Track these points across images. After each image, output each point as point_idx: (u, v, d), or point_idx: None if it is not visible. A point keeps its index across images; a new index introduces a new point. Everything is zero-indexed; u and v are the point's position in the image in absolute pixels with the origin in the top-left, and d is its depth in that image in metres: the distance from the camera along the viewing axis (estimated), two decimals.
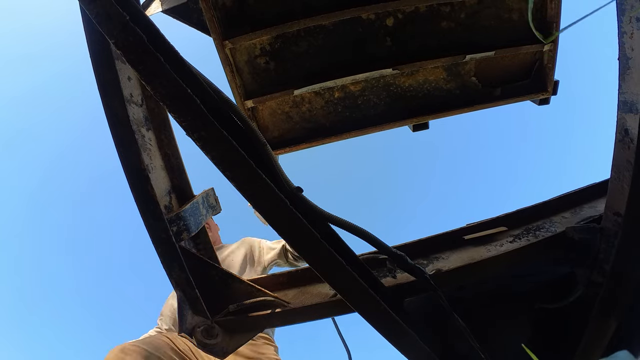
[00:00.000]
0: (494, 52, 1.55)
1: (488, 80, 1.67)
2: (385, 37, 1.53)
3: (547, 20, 1.54)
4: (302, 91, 1.55)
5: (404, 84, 1.64)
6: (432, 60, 1.53)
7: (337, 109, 1.67)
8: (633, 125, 0.87)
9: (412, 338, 0.93)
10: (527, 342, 1.03)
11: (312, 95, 1.63)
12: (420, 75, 1.63)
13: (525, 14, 1.55)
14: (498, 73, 1.66)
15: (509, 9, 1.54)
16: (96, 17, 0.80)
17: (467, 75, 1.65)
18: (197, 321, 1.08)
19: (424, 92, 1.66)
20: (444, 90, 1.67)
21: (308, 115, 1.67)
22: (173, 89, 0.80)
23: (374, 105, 1.67)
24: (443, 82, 1.65)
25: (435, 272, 1.05)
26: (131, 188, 1.01)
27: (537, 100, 1.70)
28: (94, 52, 0.95)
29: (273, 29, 1.41)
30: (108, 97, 0.97)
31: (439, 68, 1.62)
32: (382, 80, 1.62)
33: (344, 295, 0.91)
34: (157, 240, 1.02)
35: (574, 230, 1.03)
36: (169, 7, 1.49)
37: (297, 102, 1.63)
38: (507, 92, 1.67)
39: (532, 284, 1.06)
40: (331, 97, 1.64)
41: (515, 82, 1.67)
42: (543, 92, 1.66)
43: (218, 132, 0.81)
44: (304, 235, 0.86)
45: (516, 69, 1.67)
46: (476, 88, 1.67)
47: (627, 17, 0.86)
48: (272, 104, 1.61)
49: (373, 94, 1.65)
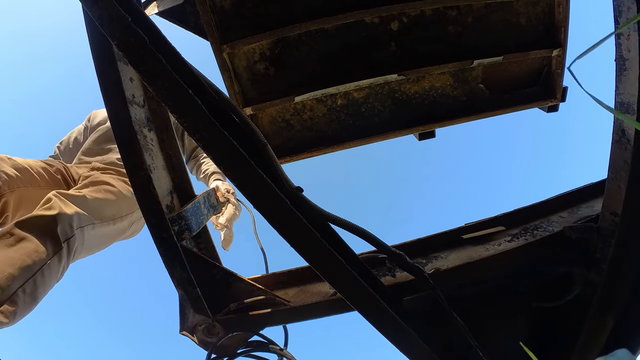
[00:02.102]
0: (502, 57, 1.51)
1: (495, 87, 1.63)
2: (390, 42, 1.49)
3: (555, 24, 1.52)
4: (303, 98, 1.50)
5: (410, 91, 1.60)
6: (439, 66, 1.49)
7: (340, 117, 1.62)
8: (630, 125, 0.88)
9: (411, 336, 0.94)
10: (525, 340, 1.04)
11: (313, 102, 1.58)
12: (426, 81, 1.59)
13: (533, 18, 1.53)
14: (506, 79, 1.63)
15: (517, 12, 1.51)
16: (98, 18, 0.81)
17: (475, 82, 1.62)
18: (199, 320, 1.09)
19: (430, 99, 1.62)
20: (450, 97, 1.63)
21: (309, 124, 1.62)
22: (174, 90, 0.81)
23: (379, 112, 1.62)
24: (450, 88, 1.61)
25: (434, 271, 1.06)
26: (133, 188, 1.02)
27: (546, 107, 1.66)
28: (96, 53, 0.96)
29: (273, 33, 1.37)
30: (110, 98, 0.99)
31: (446, 74, 1.58)
32: (386, 87, 1.58)
33: (343, 294, 0.92)
34: (158, 240, 1.03)
35: (572, 230, 1.04)
36: (164, 9, 1.45)
37: (298, 109, 1.59)
38: (515, 99, 1.64)
39: (530, 283, 1.06)
40: (334, 104, 1.60)
41: (523, 88, 1.64)
42: (552, 99, 1.62)
43: (219, 132, 0.82)
44: (304, 234, 0.87)
45: (524, 75, 1.64)
46: (484, 95, 1.63)
47: (623, 18, 0.87)
48: (272, 111, 1.57)
49: (377, 101, 1.61)
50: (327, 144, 1.62)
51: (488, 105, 1.63)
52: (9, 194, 1.42)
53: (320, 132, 1.64)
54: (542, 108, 1.69)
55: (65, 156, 2.11)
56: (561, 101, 1.65)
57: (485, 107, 1.63)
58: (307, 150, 1.63)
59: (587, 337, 1.00)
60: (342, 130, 1.64)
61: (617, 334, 1.00)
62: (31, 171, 1.52)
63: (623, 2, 0.85)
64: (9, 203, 1.43)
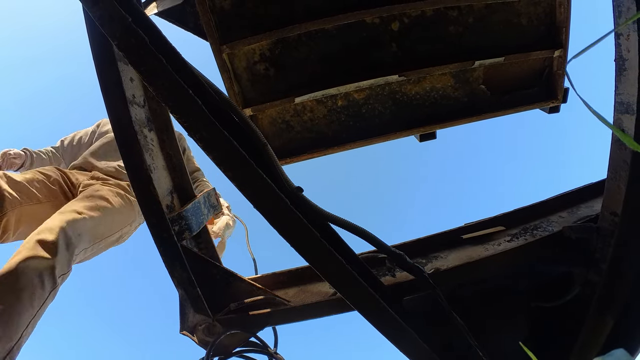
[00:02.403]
0: (503, 58, 1.51)
1: (497, 88, 1.63)
2: (391, 42, 1.49)
3: (556, 24, 1.52)
4: (304, 99, 1.50)
5: (410, 92, 1.60)
6: (440, 67, 1.49)
7: (341, 118, 1.61)
8: (629, 125, 0.89)
9: (411, 336, 0.94)
10: (524, 340, 1.05)
11: (314, 103, 1.58)
12: (427, 82, 1.59)
13: (534, 19, 1.52)
14: (507, 80, 1.63)
15: (518, 13, 1.51)
16: (99, 19, 0.81)
17: (476, 83, 1.61)
18: (199, 319, 1.09)
19: (431, 100, 1.62)
20: (451, 98, 1.62)
21: (310, 125, 1.61)
22: (175, 90, 0.81)
23: (379, 113, 1.62)
24: (451, 89, 1.61)
25: (434, 271, 1.06)
26: (134, 188, 1.02)
27: (547, 108, 1.66)
28: (96, 53, 0.97)
29: (273, 33, 1.36)
30: (111, 99, 0.99)
31: (447, 75, 1.58)
32: (387, 88, 1.58)
33: (343, 294, 0.92)
34: (159, 240, 1.03)
35: (571, 230, 1.04)
36: (163, 10, 1.44)
37: (299, 110, 1.59)
38: (516, 100, 1.64)
39: (530, 283, 1.07)
40: (334, 105, 1.60)
41: (524, 89, 1.64)
42: (553, 100, 1.63)
43: (219, 132, 0.82)
44: (304, 234, 0.87)
45: (525, 76, 1.64)
46: (485, 96, 1.63)
47: (623, 19, 0.87)
48: (272, 112, 1.57)
49: (378, 102, 1.60)
50: (327, 145, 1.62)
51: (489, 106, 1.63)
52: (11, 212, 1.45)
53: (320, 133, 1.63)
54: (543, 109, 1.69)
55: (66, 153, 2.15)
56: (562, 102, 1.64)
57: (487, 108, 1.63)
58: (308, 151, 1.62)
59: (586, 336, 1.01)
60: (342, 132, 1.63)
61: (616, 334, 1.00)
62: (29, 187, 1.54)
63: (623, 2, 0.86)
64: (10, 221, 1.47)
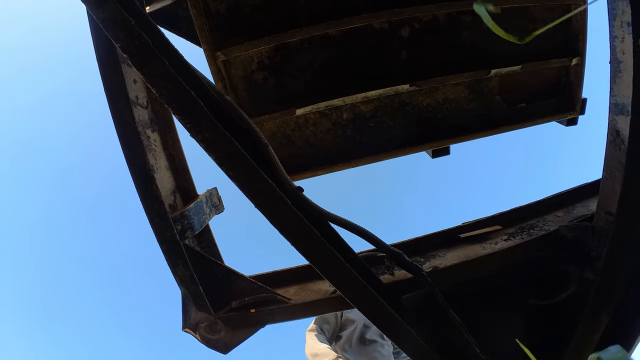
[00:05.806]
0: (520, 67, 1.40)
1: (512, 99, 1.50)
2: (401, 50, 1.36)
3: (573, 31, 1.43)
4: (306, 111, 1.35)
5: (422, 104, 1.46)
6: (454, 75, 1.36)
7: (346, 132, 1.46)
8: (624, 126, 0.90)
9: (409, 333, 0.96)
10: (521, 337, 1.06)
11: (317, 116, 1.43)
12: (440, 93, 1.45)
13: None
14: (523, 91, 1.51)
15: (534, 19, 1.41)
16: (103, 21, 0.82)
17: (491, 94, 1.49)
18: (201, 317, 1.11)
19: (443, 112, 1.48)
20: (465, 111, 1.49)
21: (313, 139, 1.46)
22: (177, 92, 0.83)
23: (388, 127, 1.47)
24: (465, 101, 1.48)
25: (432, 269, 1.08)
26: (137, 188, 1.04)
27: (565, 121, 1.54)
28: (100, 56, 0.98)
29: (272, 38, 1.23)
30: (114, 100, 1.00)
31: (461, 85, 1.45)
32: (396, 99, 1.43)
33: (343, 292, 0.94)
34: (161, 239, 1.04)
35: (567, 229, 1.05)
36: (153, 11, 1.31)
37: (300, 123, 1.44)
38: (532, 113, 1.52)
39: (526, 281, 1.08)
40: (339, 118, 1.44)
41: (541, 100, 1.52)
42: (571, 111, 1.51)
43: (221, 133, 0.84)
44: (305, 233, 0.89)
45: (541, 86, 1.52)
46: (500, 108, 1.50)
47: (618, 21, 0.88)
48: (272, 125, 1.42)
49: (387, 115, 1.46)
50: (331, 162, 1.48)
51: (505, 119, 1.51)
52: None
53: (324, 149, 1.48)
54: (561, 122, 1.57)
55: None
56: (580, 113, 1.51)
57: (502, 121, 1.51)
58: (310, 168, 1.48)
59: (581, 333, 1.03)
60: (348, 147, 1.48)
61: (611, 331, 1.02)
62: None
63: (617, 5, 0.87)
64: None
